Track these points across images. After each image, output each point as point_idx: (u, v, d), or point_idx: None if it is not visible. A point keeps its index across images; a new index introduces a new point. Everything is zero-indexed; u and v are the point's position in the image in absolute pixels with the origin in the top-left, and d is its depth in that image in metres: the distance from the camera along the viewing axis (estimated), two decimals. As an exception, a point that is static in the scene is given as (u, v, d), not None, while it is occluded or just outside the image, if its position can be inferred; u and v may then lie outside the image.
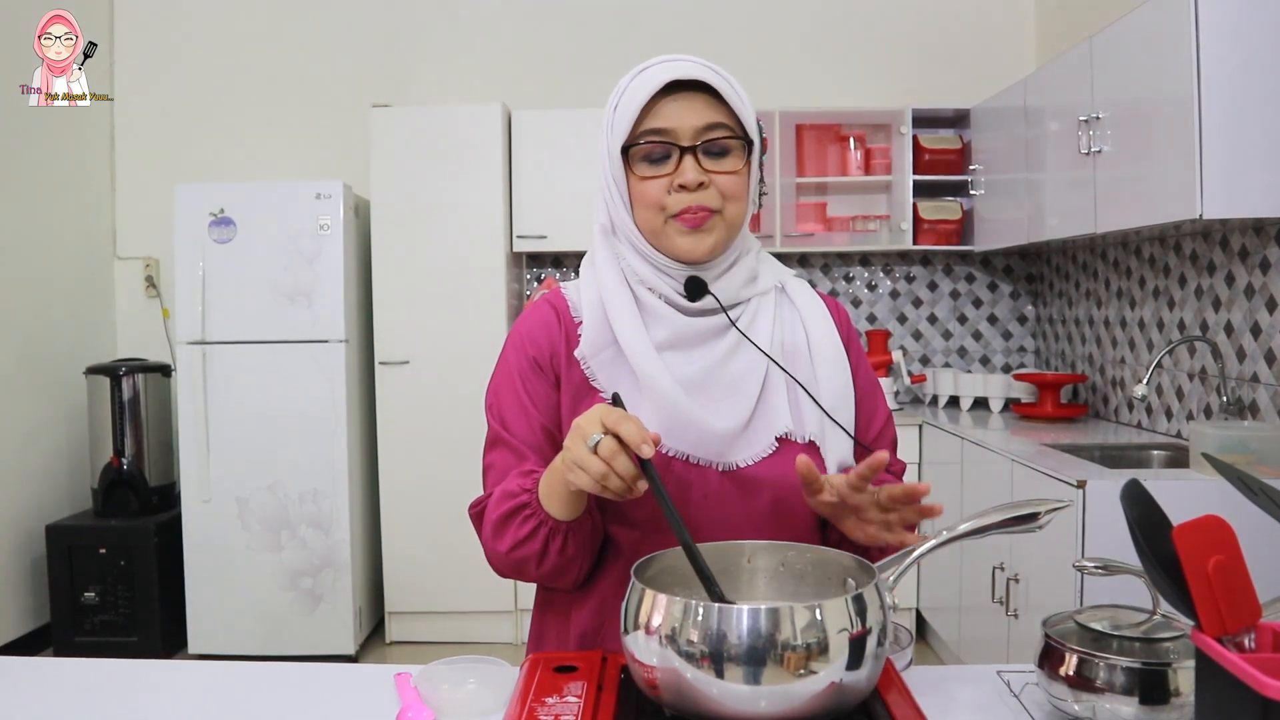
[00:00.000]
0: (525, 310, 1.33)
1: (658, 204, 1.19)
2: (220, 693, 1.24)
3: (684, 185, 1.17)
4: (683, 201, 1.18)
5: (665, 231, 1.20)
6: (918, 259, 4.61)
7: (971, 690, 1.19)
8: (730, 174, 1.19)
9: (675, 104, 1.18)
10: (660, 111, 1.18)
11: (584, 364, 1.24)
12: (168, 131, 4.60)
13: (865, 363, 1.35)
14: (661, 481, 1.02)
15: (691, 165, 1.17)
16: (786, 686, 0.87)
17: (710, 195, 1.19)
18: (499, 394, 1.27)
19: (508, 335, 1.32)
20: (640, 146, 1.19)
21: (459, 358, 4.02)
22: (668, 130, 1.18)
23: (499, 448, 1.25)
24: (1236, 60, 2.50)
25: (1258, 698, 0.76)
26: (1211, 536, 0.87)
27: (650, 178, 1.19)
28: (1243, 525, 0.98)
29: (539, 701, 0.99)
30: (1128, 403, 3.68)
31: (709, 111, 1.18)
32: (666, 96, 1.18)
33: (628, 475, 1.01)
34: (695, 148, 1.18)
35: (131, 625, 3.90)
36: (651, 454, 1.00)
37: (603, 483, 1.01)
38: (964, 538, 1.04)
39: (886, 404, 1.36)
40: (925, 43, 4.54)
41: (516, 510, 1.16)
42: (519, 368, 1.26)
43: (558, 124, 4.19)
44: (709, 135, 1.18)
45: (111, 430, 3.98)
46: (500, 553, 1.19)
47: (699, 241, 1.20)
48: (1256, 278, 2.87)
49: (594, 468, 1.00)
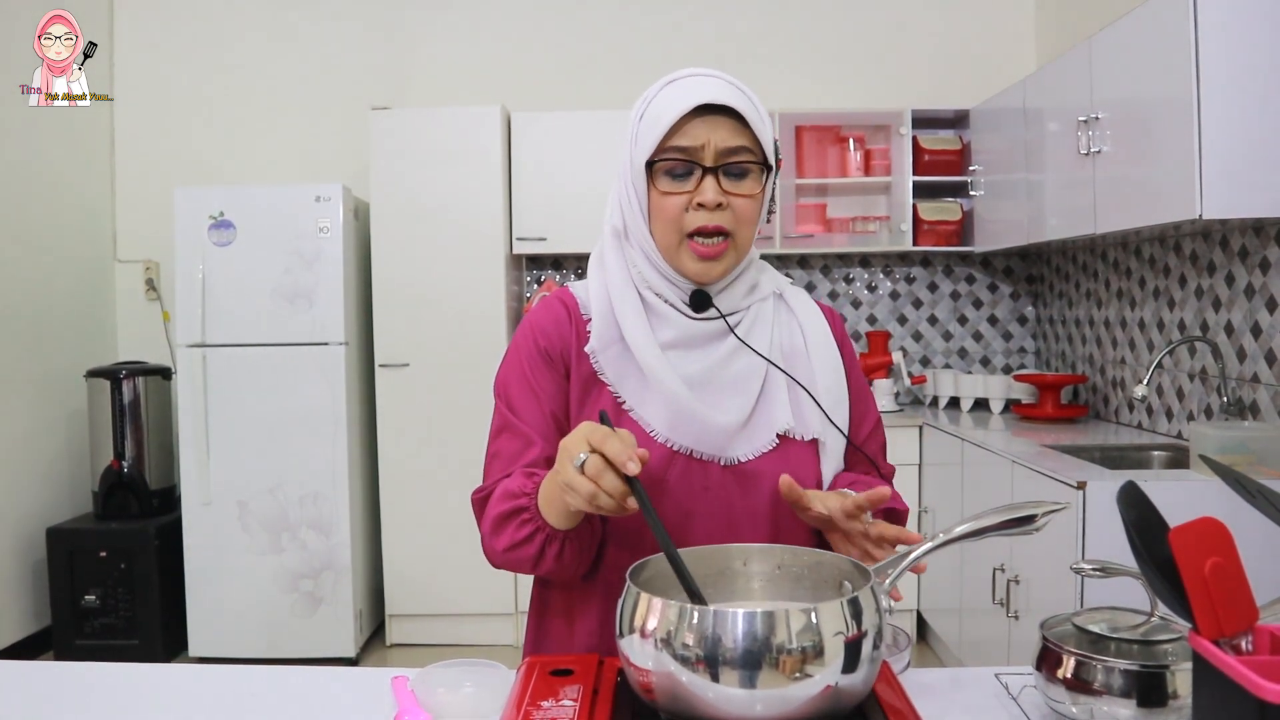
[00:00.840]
0: (536, 305, 1.35)
1: (675, 220, 1.22)
2: (219, 696, 1.24)
3: (703, 204, 1.20)
4: (699, 220, 1.20)
5: (680, 252, 1.23)
6: (918, 260, 4.61)
7: (969, 693, 1.19)
8: (747, 197, 1.22)
9: (702, 124, 1.19)
10: (687, 130, 1.19)
11: (593, 359, 1.26)
12: (167, 134, 4.60)
13: (857, 367, 1.38)
14: (649, 498, 1.02)
15: (712, 185, 1.19)
16: (782, 690, 0.87)
17: (726, 216, 1.21)
18: (508, 381, 1.30)
19: (518, 327, 1.34)
20: (664, 162, 1.21)
21: (459, 360, 4.02)
22: (692, 149, 1.20)
23: (506, 433, 1.27)
24: (1235, 61, 2.50)
25: (1254, 700, 0.76)
26: (1208, 538, 0.87)
27: (671, 193, 1.21)
28: (1243, 527, 0.98)
29: (535, 705, 0.99)
30: (1128, 403, 3.68)
31: (733, 134, 1.20)
32: (693, 114, 1.19)
33: (615, 493, 1.01)
34: (717, 169, 1.20)
35: (132, 628, 3.90)
36: (637, 471, 1.00)
37: (593, 502, 1.02)
38: (961, 540, 1.04)
39: (876, 408, 1.40)
40: (925, 44, 4.54)
41: (516, 512, 1.17)
42: (529, 356, 1.29)
43: (557, 126, 4.19)
44: (732, 158, 1.20)
45: (112, 433, 3.98)
46: (497, 550, 1.21)
47: (710, 269, 1.23)
48: (1256, 278, 2.87)
49: (583, 488, 1.02)
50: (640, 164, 1.21)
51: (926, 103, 4.36)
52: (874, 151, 4.38)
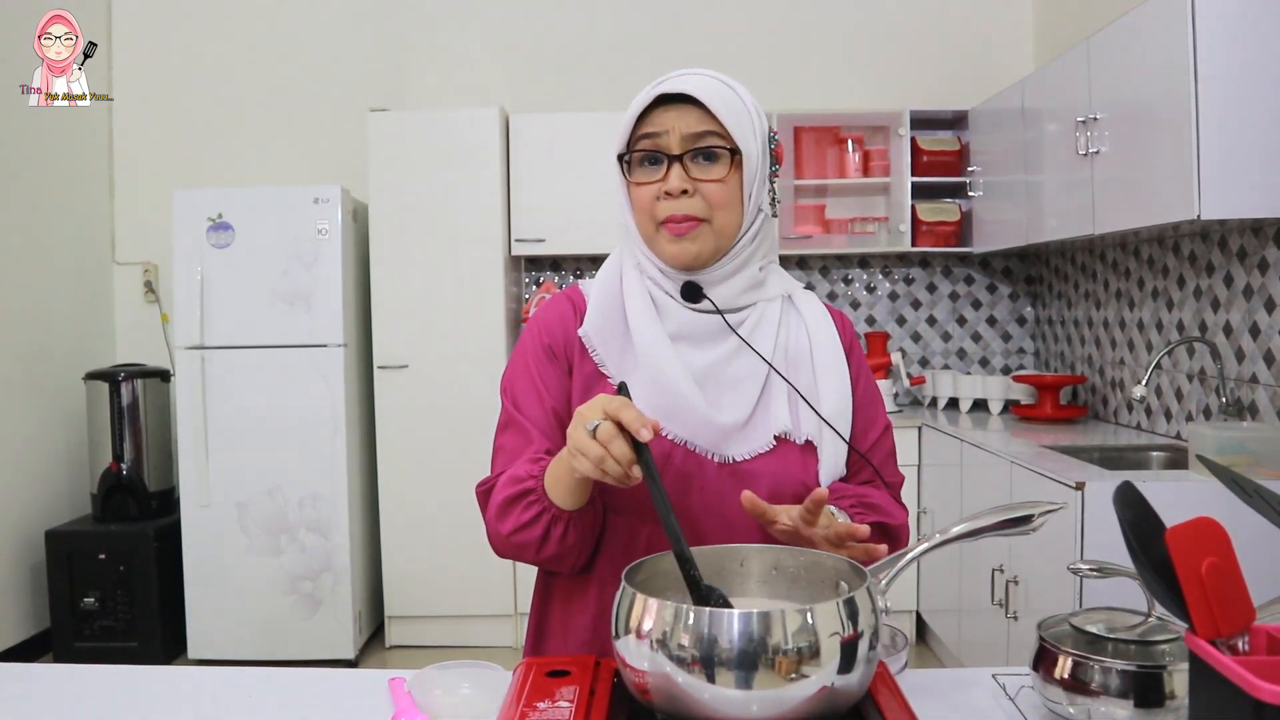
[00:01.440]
0: (545, 303, 1.38)
1: (649, 210, 1.25)
2: (217, 698, 1.24)
3: (669, 192, 1.22)
4: (668, 209, 1.23)
5: (656, 238, 1.26)
6: (916, 261, 4.60)
7: (966, 694, 1.19)
8: (715, 182, 1.23)
9: (668, 113, 1.22)
10: (653, 119, 1.23)
11: (589, 345, 1.28)
12: (166, 137, 4.60)
13: (866, 372, 1.37)
14: (656, 468, 1.04)
15: (677, 173, 1.22)
16: (778, 691, 0.87)
17: (695, 204, 1.22)
18: (514, 377, 1.32)
19: (525, 326, 1.36)
20: (635, 153, 1.25)
21: (458, 361, 4.02)
22: (657, 136, 1.23)
23: (510, 429, 1.29)
24: (1234, 61, 2.50)
25: (1251, 701, 0.76)
26: (1205, 538, 0.87)
27: (643, 183, 1.25)
28: (1241, 527, 0.98)
29: (531, 706, 0.99)
30: (1127, 404, 3.68)
31: (698, 121, 1.22)
32: (661, 107, 1.23)
33: (623, 459, 1.03)
34: (682, 156, 1.22)
35: (131, 631, 3.89)
36: (650, 438, 1.02)
37: (600, 466, 1.03)
38: (958, 540, 1.04)
39: (886, 415, 1.38)
40: (923, 44, 4.54)
41: (521, 495, 1.18)
42: (534, 353, 1.31)
43: (556, 127, 4.19)
44: (698, 143, 1.22)
45: (111, 435, 3.98)
46: (502, 535, 1.22)
47: (684, 249, 1.24)
48: (1255, 278, 2.87)
49: (592, 451, 1.03)
50: (616, 159, 1.27)
51: (925, 103, 4.36)
52: (873, 152, 4.39)
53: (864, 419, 1.33)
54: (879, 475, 1.33)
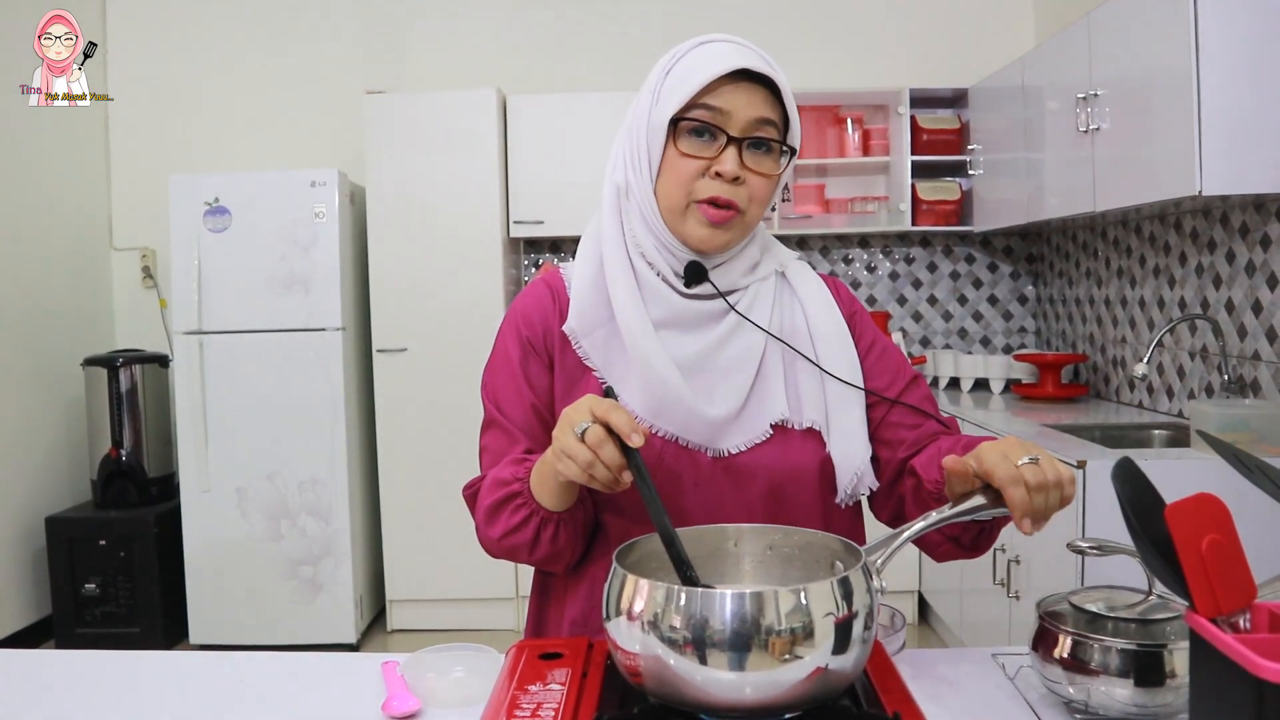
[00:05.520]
0: (522, 291, 1.32)
1: (687, 184, 1.17)
2: (218, 683, 1.24)
3: (720, 174, 1.15)
4: (713, 189, 1.16)
5: (685, 215, 1.18)
6: (917, 240, 4.58)
7: (965, 673, 1.18)
8: (765, 176, 1.18)
9: (735, 90, 1.15)
10: (720, 92, 1.14)
11: (574, 340, 1.23)
12: (162, 121, 4.57)
13: (874, 330, 1.32)
14: (648, 471, 1.01)
15: (733, 156, 1.15)
16: (771, 672, 0.86)
17: (740, 192, 1.17)
18: (494, 376, 1.27)
19: (504, 317, 1.31)
20: (689, 121, 1.15)
21: (457, 344, 4.00)
22: (724, 112, 1.15)
23: (493, 429, 1.25)
24: (1235, 35, 2.47)
25: (1252, 679, 0.75)
26: (1205, 515, 0.85)
27: (690, 155, 1.16)
28: (1242, 504, 0.97)
29: (522, 689, 0.98)
30: (1129, 382, 3.66)
31: (765, 107, 1.16)
32: (727, 80, 1.14)
33: (613, 464, 1.00)
34: (743, 140, 1.16)
35: (132, 616, 3.90)
36: (640, 443, 0.99)
37: (589, 471, 1.00)
38: (952, 520, 1.02)
39: (910, 367, 1.32)
40: (922, 22, 4.50)
41: (508, 499, 1.15)
42: (513, 349, 1.26)
43: (553, 109, 4.16)
44: (759, 131, 1.16)
45: (110, 421, 3.97)
46: (492, 539, 1.19)
47: (715, 236, 1.18)
48: (1257, 254, 2.85)
49: (580, 456, 1.00)
50: (662, 120, 1.16)
51: (925, 81, 4.32)
52: (872, 131, 4.35)
53: (887, 373, 1.28)
54: (935, 417, 1.26)
